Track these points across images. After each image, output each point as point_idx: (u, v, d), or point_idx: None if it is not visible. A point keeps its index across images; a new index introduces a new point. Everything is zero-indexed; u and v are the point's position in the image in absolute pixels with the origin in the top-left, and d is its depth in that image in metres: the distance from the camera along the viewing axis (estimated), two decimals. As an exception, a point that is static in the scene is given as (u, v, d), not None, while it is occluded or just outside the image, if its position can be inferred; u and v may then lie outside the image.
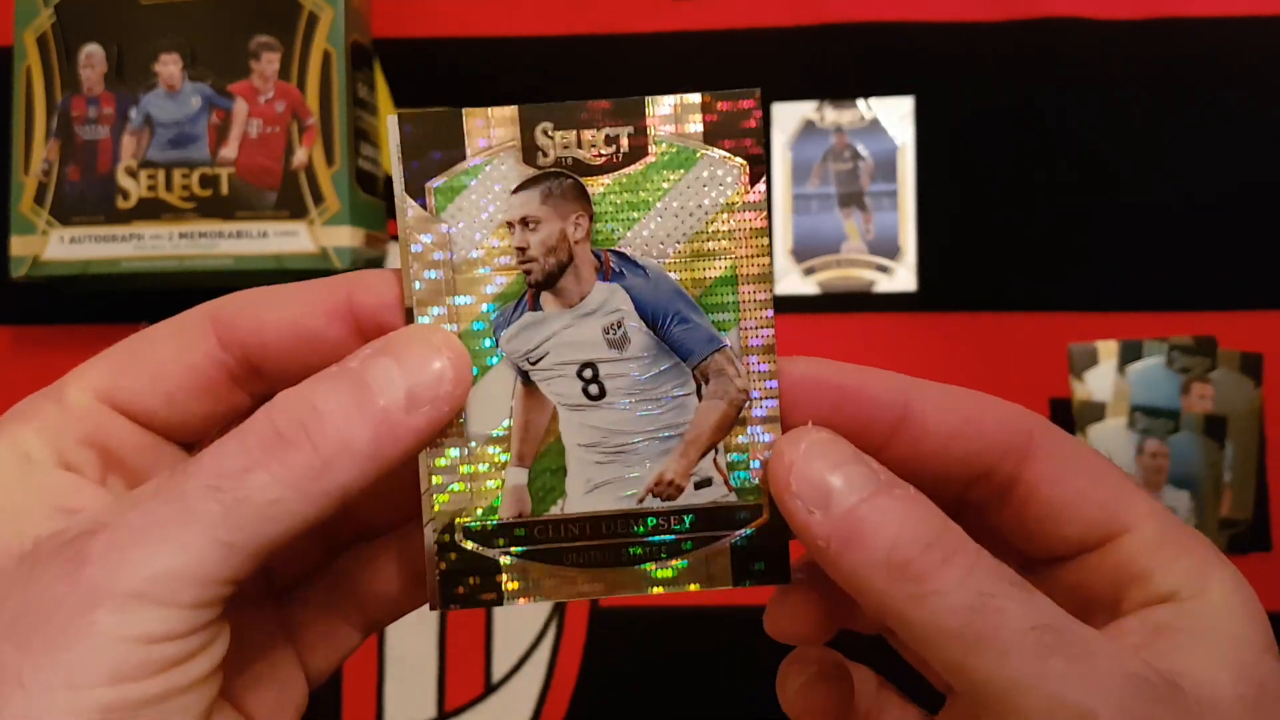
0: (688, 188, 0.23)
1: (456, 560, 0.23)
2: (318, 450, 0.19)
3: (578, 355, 0.23)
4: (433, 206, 0.23)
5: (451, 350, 0.21)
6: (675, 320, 0.23)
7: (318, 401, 0.20)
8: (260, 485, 0.19)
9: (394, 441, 0.20)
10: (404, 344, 0.21)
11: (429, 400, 0.20)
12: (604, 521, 0.23)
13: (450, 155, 0.22)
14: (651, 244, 0.23)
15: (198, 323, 0.22)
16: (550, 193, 0.23)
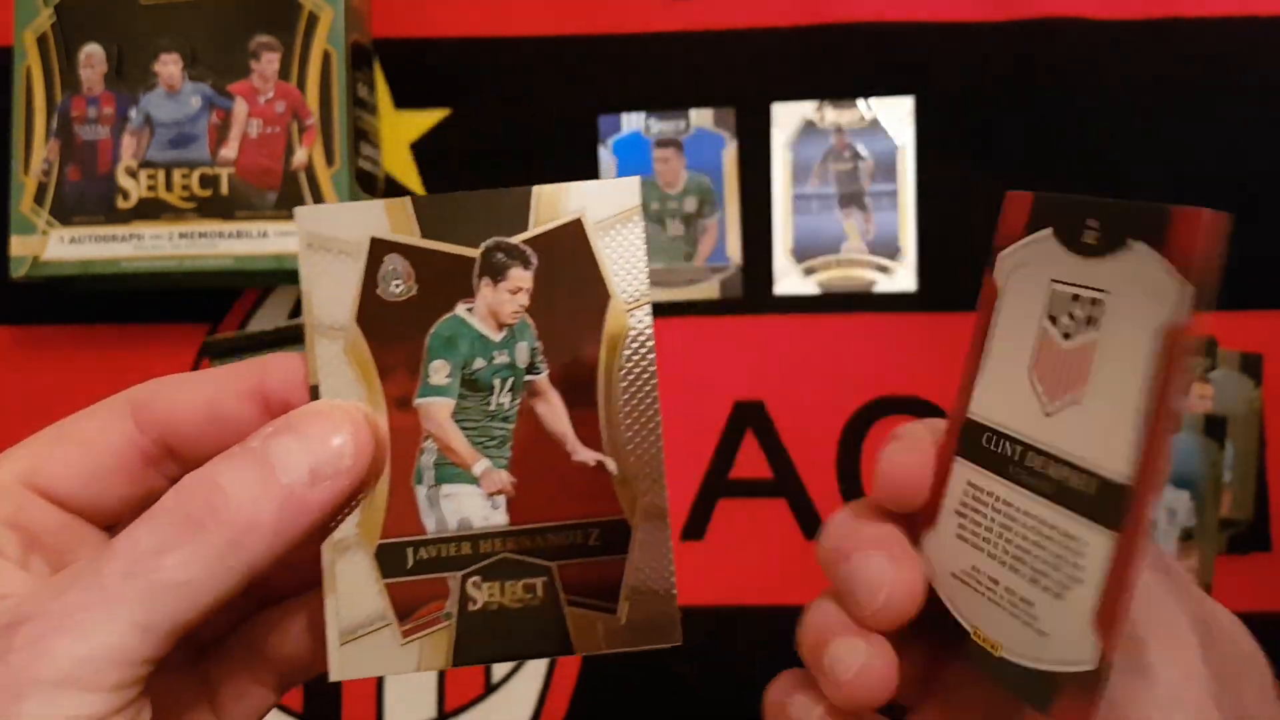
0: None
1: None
2: (225, 530, 0.20)
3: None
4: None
5: (353, 425, 0.22)
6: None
7: (223, 482, 0.21)
8: (172, 567, 0.20)
9: (298, 517, 0.21)
10: (305, 420, 0.22)
11: (331, 475, 0.21)
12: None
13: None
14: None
15: (116, 407, 0.23)
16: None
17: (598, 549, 0.24)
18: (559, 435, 0.24)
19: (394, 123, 0.58)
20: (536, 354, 0.24)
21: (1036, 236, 0.23)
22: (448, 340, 0.24)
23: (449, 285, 0.24)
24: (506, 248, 0.24)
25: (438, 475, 0.24)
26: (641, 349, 0.24)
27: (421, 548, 0.24)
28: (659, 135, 0.57)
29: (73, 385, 0.58)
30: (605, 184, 0.24)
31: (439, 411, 0.24)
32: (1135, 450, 0.20)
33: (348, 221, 0.23)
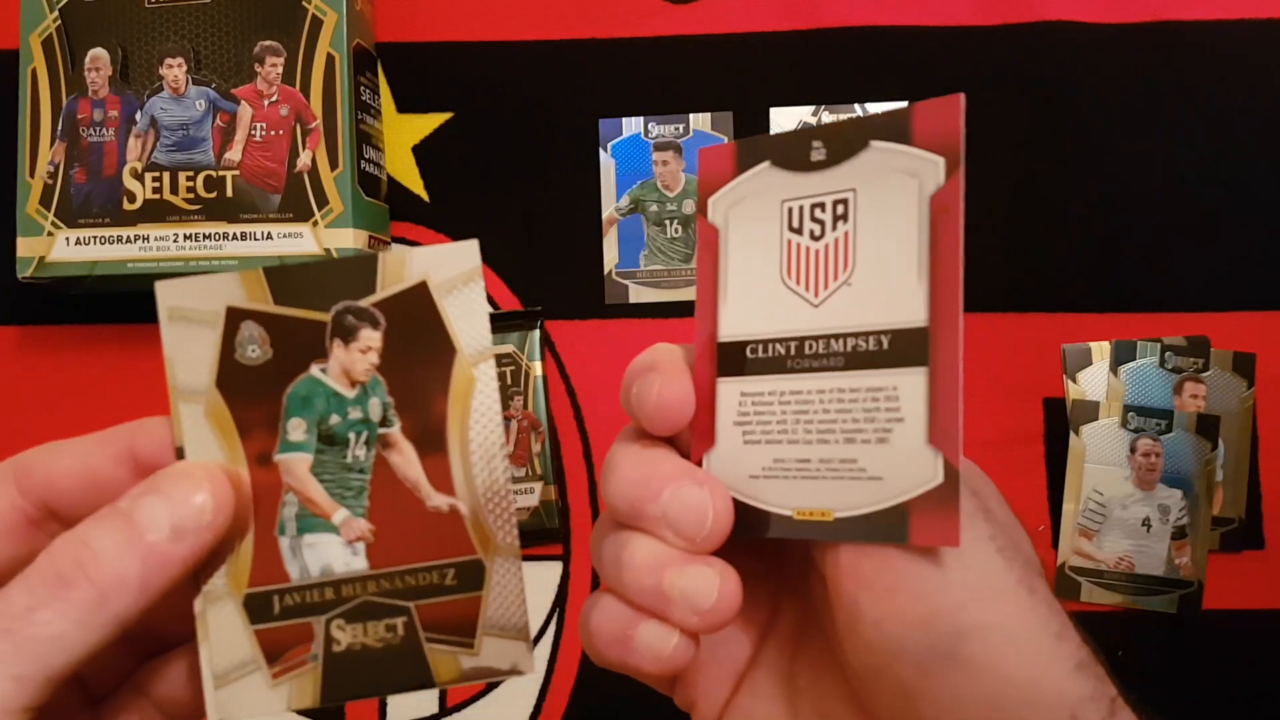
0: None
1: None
2: (94, 586, 0.22)
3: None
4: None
5: (213, 483, 0.24)
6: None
7: (92, 541, 0.22)
8: (44, 622, 0.21)
9: (163, 571, 0.23)
10: (168, 481, 0.24)
11: (192, 531, 0.23)
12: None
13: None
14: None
15: (1, 473, 0.25)
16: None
17: (454, 588, 0.25)
18: (413, 483, 0.25)
19: (396, 126, 0.58)
20: (389, 408, 0.25)
21: (752, 172, 0.26)
22: (304, 399, 0.25)
23: (303, 347, 0.25)
24: (356, 310, 0.25)
25: (299, 526, 0.25)
26: (487, 399, 0.26)
27: (286, 595, 0.25)
28: (658, 138, 0.57)
29: (78, 385, 0.59)
30: (447, 248, 0.25)
31: (298, 466, 0.25)
32: (926, 297, 0.23)
33: (205, 293, 0.25)
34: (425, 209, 0.58)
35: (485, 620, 0.25)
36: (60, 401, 0.58)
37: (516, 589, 0.26)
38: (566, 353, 0.57)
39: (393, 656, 0.25)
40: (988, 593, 0.23)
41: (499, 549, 0.26)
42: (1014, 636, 0.23)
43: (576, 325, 0.57)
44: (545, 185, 0.58)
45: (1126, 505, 0.54)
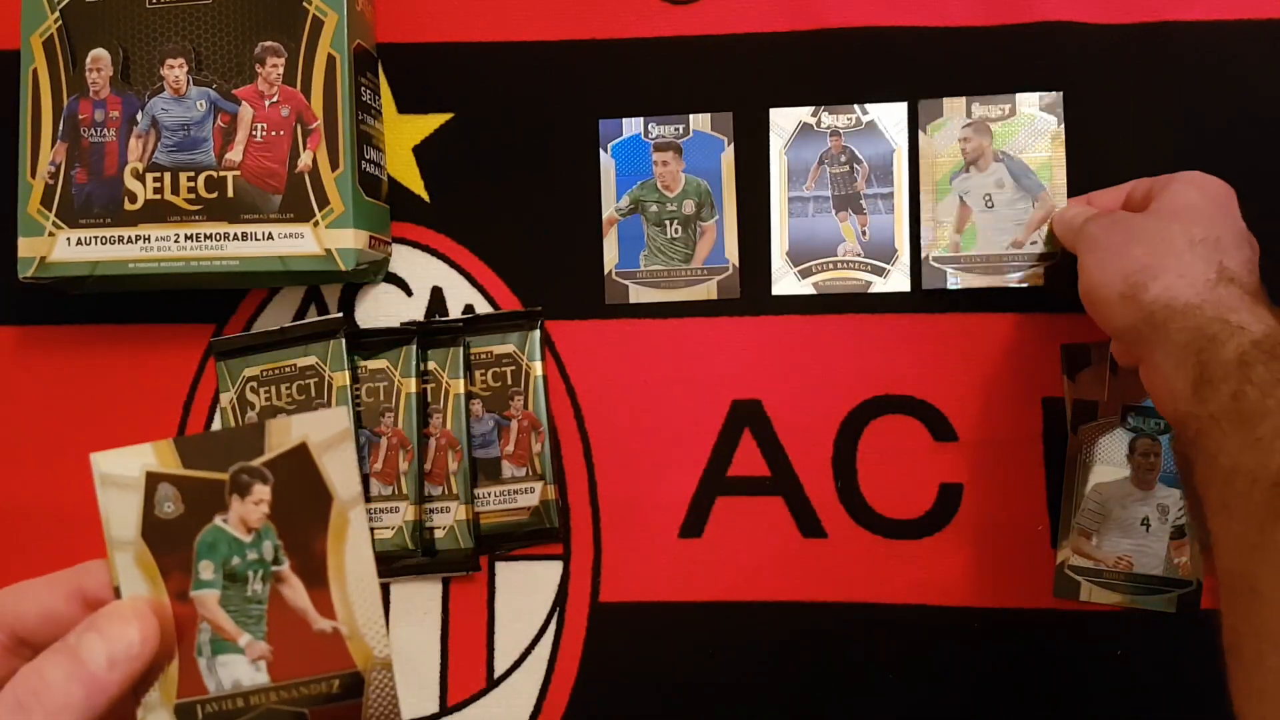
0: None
1: None
2: (45, 711, 0.27)
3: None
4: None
5: (140, 620, 0.29)
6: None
7: (45, 674, 0.27)
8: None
9: (101, 694, 0.28)
10: (105, 621, 0.29)
11: (124, 660, 0.28)
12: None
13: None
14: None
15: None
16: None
17: (339, 695, 0.31)
18: (301, 610, 0.31)
19: (397, 126, 0.58)
20: (279, 549, 0.31)
21: None
22: (210, 545, 0.31)
23: (208, 503, 0.30)
24: (249, 470, 0.30)
25: (214, 648, 0.31)
26: (360, 537, 0.31)
27: (207, 704, 0.31)
28: (658, 139, 0.57)
29: (80, 385, 0.59)
30: (321, 414, 0.31)
31: (209, 600, 0.31)
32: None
33: (129, 462, 0.31)
34: (426, 209, 0.58)
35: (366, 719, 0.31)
36: (61, 401, 0.59)
37: (391, 693, 0.31)
38: (566, 353, 0.57)
39: None
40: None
41: (375, 661, 0.31)
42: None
43: (576, 325, 0.57)
44: (545, 185, 0.58)
45: (1126, 505, 0.54)
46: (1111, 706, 0.54)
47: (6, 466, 0.59)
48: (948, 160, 0.56)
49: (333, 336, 0.56)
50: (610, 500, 0.57)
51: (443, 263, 0.58)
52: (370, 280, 0.58)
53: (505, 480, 0.56)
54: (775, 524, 0.56)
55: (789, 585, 0.56)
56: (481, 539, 0.56)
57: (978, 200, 0.56)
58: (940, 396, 0.56)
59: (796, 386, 0.56)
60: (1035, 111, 0.56)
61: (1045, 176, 0.56)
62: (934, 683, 0.55)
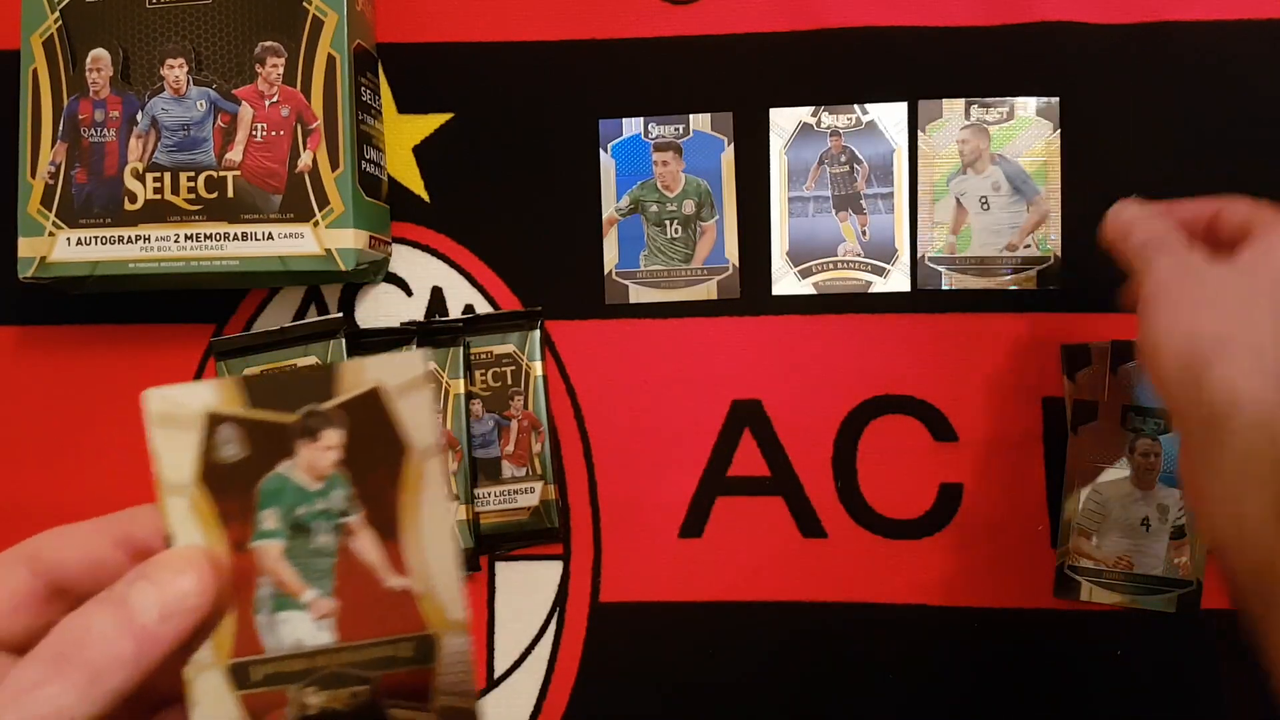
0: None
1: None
2: (90, 664, 0.25)
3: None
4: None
5: (196, 570, 0.27)
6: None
7: (90, 624, 0.25)
8: (49, 696, 0.24)
9: (152, 649, 0.25)
10: (156, 569, 0.26)
11: (178, 613, 0.26)
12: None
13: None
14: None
15: (14, 558, 0.28)
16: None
17: (409, 660, 0.29)
18: (371, 566, 0.29)
19: (397, 126, 0.58)
20: (349, 500, 0.28)
21: None
22: (274, 493, 0.28)
23: (273, 447, 0.28)
24: (319, 413, 0.28)
25: (274, 605, 0.28)
26: (436, 490, 0.28)
27: (264, 665, 0.28)
28: (658, 139, 0.57)
29: (80, 385, 0.59)
30: (397, 356, 0.28)
31: (271, 552, 0.28)
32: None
33: (187, 400, 0.28)
34: (426, 209, 0.58)
35: (438, 688, 0.29)
36: (60, 402, 0.59)
37: (465, 660, 0.29)
38: (566, 353, 0.57)
39: (357, 719, 0.29)
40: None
41: (449, 625, 0.29)
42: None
43: (576, 325, 0.57)
44: (545, 185, 0.58)
45: (1126, 505, 0.54)
46: (1111, 706, 0.54)
47: (6, 466, 0.59)
48: (945, 162, 0.57)
49: (333, 337, 0.56)
50: (610, 500, 0.57)
51: (443, 263, 0.58)
52: (370, 280, 0.58)
53: (505, 480, 0.56)
54: (775, 524, 0.56)
55: (789, 585, 0.56)
56: (481, 539, 0.56)
57: (974, 202, 0.56)
58: (940, 396, 0.56)
59: (796, 386, 0.56)
60: (1033, 115, 0.56)
61: (1041, 180, 0.56)
62: (934, 683, 0.55)
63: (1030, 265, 0.56)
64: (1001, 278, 0.56)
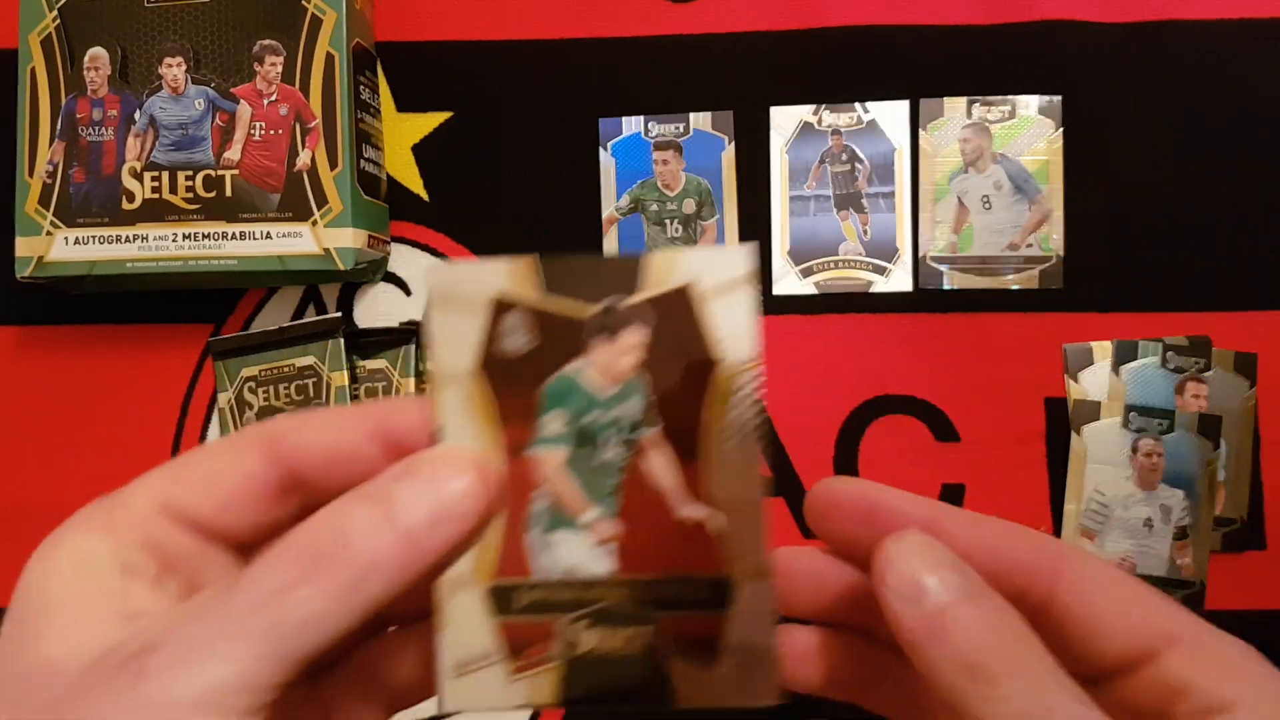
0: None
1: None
2: (349, 568, 0.21)
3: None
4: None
5: (474, 471, 0.23)
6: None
7: (348, 522, 0.22)
8: (300, 600, 0.21)
9: (418, 558, 0.22)
10: (428, 465, 0.23)
11: (451, 519, 0.22)
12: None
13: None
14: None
15: (251, 440, 0.24)
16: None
17: (700, 603, 0.25)
18: (665, 490, 0.25)
19: (396, 125, 0.58)
20: (646, 411, 0.25)
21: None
22: (561, 394, 0.25)
23: (565, 342, 0.25)
24: (620, 309, 0.25)
25: (548, 522, 0.25)
26: (746, 410, 0.25)
27: (530, 590, 0.25)
28: (658, 138, 0.57)
29: (77, 385, 0.58)
30: (717, 251, 0.25)
31: (551, 461, 0.25)
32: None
33: (474, 279, 0.25)
34: (425, 208, 0.58)
35: (729, 642, 0.25)
36: (58, 402, 0.58)
37: (765, 613, 0.25)
38: (566, 352, 0.57)
39: (633, 667, 0.25)
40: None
41: (748, 569, 0.25)
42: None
43: (576, 325, 0.57)
44: (545, 185, 0.57)
45: (1128, 505, 0.54)
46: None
47: (4, 466, 0.58)
48: (947, 160, 0.56)
49: (331, 336, 0.55)
50: (610, 501, 0.56)
51: (442, 262, 0.58)
52: (369, 280, 0.57)
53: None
54: (776, 524, 0.56)
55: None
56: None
57: (976, 201, 0.56)
58: (942, 396, 0.55)
59: (797, 386, 0.56)
60: (1034, 114, 0.56)
61: (1043, 179, 0.56)
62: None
63: (1032, 264, 0.56)
64: (1003, 277, 0.56)
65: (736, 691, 0.24)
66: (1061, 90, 0.56)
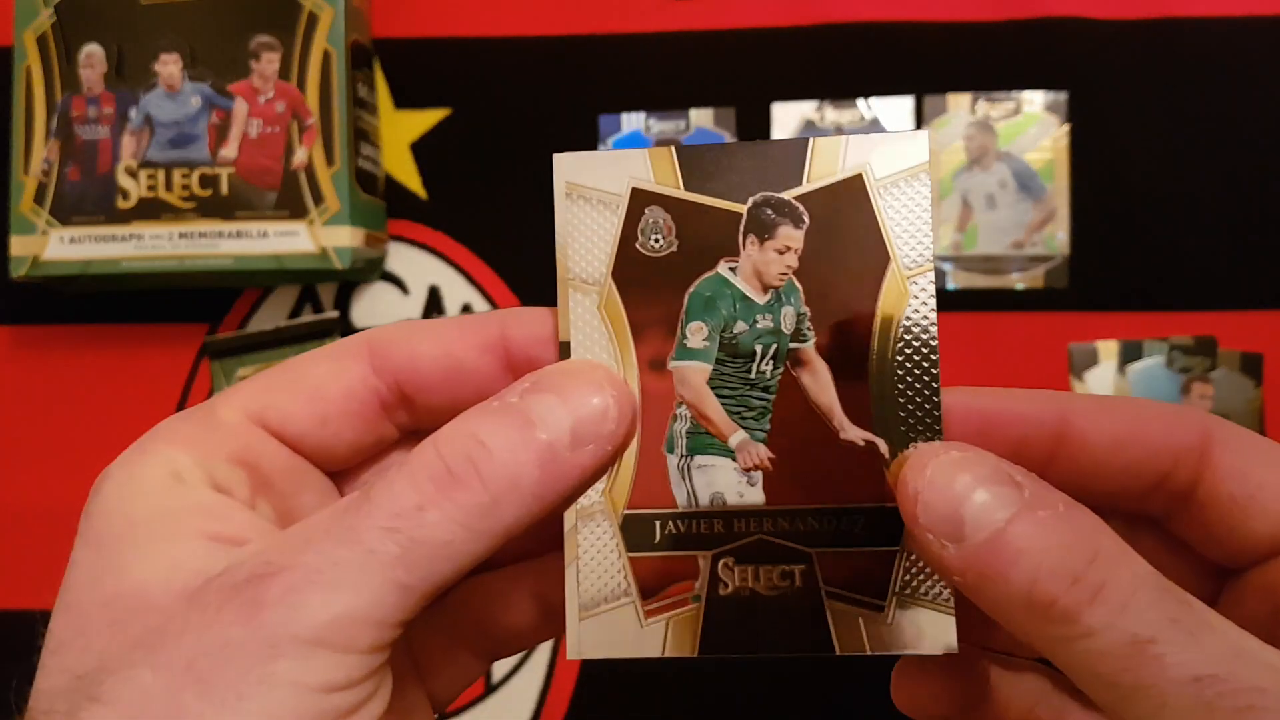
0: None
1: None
2: (487, 488, 0.19)
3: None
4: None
5: (615, 387, 0.21)
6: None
7: (484, 436, 0.19)
8: (434, 524, 0.18)
9: (559, 479, 0.20)
10: (565, 378, 0.20)
11: (593, 438, 0.20)
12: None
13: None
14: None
15: (354, 349, 0.22)
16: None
17: (864, 539, 0.22)
18: (825, 410, 0.22)
19: (394, 122, 0.58)
20: (804, 320, 0.22)
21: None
22: (708, 300, 0.22)
23: (712, 242, 0.22)
24: (776, 203, 0.22)
25: (690, 445, 0.22)
26: (923, 320, 0.22)
27: (671, 521, 0.22)
28: (659, 135, 0.57)
29: (73, 385, 0.58)
30: (891, 136, 0.22)
31: (695, 377, 0.22)
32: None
33: (609, 170, 0.23)
34: (423, 206, 0.57)
35: (900, 582, 0.21)
36: (54, 402, 0.58)
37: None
38: (566, 352, 0.57)
39: (787, 610, 0.21)
40: None
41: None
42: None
43: (576, 324, 0.57)
44: (544, 182, 0.57)
45: (1133, 507, 0.54)
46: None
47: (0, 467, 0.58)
48: (951, 158, 0.56)
49: (328, 336, 0.55)
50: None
51: (440, 261, 0.57)
52: (366, 279, 0.57)
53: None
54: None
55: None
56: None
57: (980, 200, 0.56)
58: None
59: (799, 387, 0.56)
60: (1040, 111, 0.55)
61: (1048, 177, 0.55)
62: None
63: (1037, 264, 0.55)
64: (1008, 276, 0.55)
65: (906, 638, 0.21)
66: (1067, 87, 0.55)
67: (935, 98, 0.56)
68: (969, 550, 0.18)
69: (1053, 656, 0.19)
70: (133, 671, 0.18)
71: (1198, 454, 0.21)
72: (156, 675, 0.17)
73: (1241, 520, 0.21)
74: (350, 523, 0.18)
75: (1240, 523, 0.21)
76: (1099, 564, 0.18)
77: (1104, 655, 0.18)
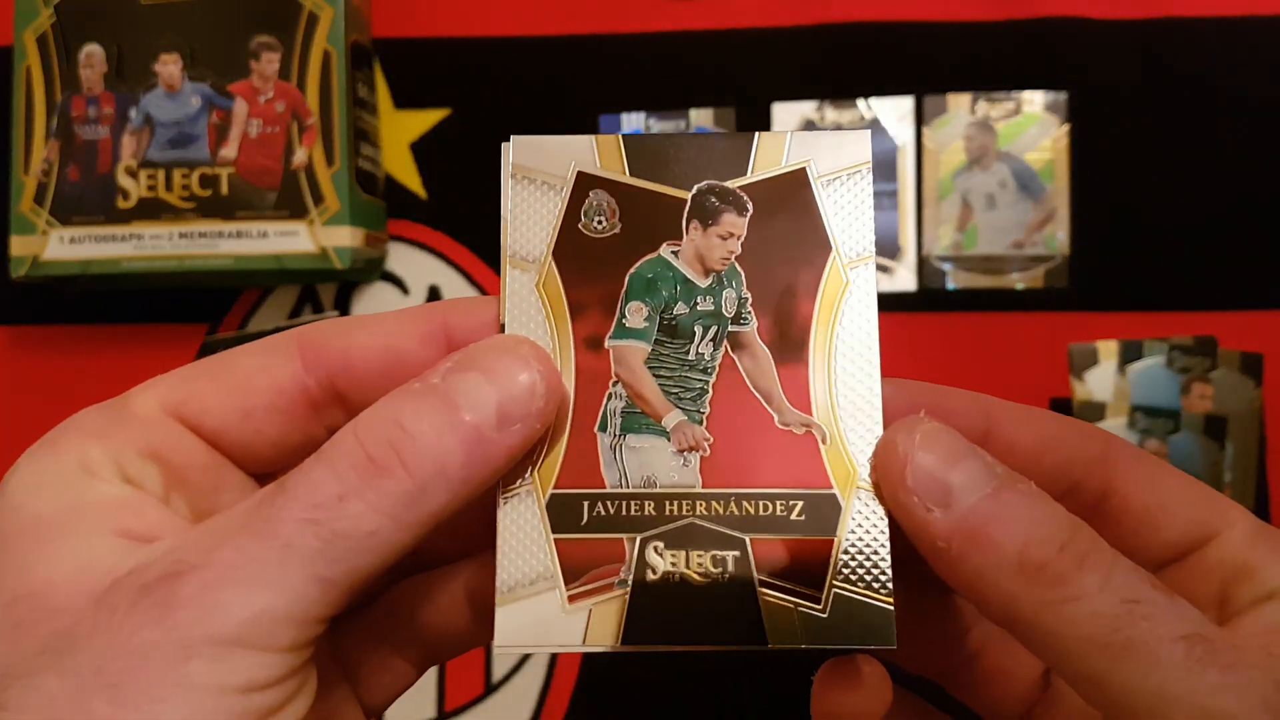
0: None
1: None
2: (411, 475, 0.18)
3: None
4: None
5: (541, 362, 0.20)
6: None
7: (406, 421, 0.18)
8: (356, 515, 0.18)
9: (487, 462, 0.19)
10: (490, 355, 0.20)
11: (521, 417, 0.19)
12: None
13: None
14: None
15: (283, 344, 0.21)
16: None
17: (801, 525, 0.21)
18: (764, 393, 0.22)
19: (394, 122, 0.58)
20: (745, 304, 0.22)
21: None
22: (649, 281, 0.22)
23: (655, 225, 0.22)
24: (720, 191, 0.22)
25: (624, 424, 0.22)
26: (864, 309, 0.23)
27: (600, 502, 0.21)
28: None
29: (72, 385, 0.58)
30: (835, 134, 0.22)
31: (632, 356, 0.22)
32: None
33: (555, 154, 0.23)
34: (423, 206, 0.57)
35: (837, 571, 0.21)
36: (53, 403, 0.58)
37: (879, 537, 0.21)
38: (566, 352, 0.57)
39: (717, 598, 0.21)
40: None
41: (862, 485, 0.21)
42: None
43: (576, 324, 0.57)
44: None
45: (1133, 507, 0.54)
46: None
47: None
48: (951, 158, 0.56)
49: (329, 336, 0.55)
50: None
51: (440, 261, 0.57)
52: (366, 279, 0.57)
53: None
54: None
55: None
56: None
57: (980, 200, 0.56)
58: (945, 397, 0.55)
59: (799, 387, 0.56)
60: (1040, 111, 0.55)
61: (1048, 176, 0.55)
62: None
63: (1037, 264, 0.55)
64: (1008, 276, 0.55)
65: (843, 631, 0.21)
66: (1067, 87, 0.55)
67: (935, 98, 0.56)
68: (957, 515, 0.19)
69: (1036, 623, 0.18)
70: (38, 678, 0.17)
71: (1101, 464, 0.22)
72: (64, 681, 0.17)
73: (1151, 529, 0.22)
74: (266, 515, 0.18)
75: (1150, 531, 0.22)
76: (1081, 535, 0.19)
77: (1096, 616, 0.18)
